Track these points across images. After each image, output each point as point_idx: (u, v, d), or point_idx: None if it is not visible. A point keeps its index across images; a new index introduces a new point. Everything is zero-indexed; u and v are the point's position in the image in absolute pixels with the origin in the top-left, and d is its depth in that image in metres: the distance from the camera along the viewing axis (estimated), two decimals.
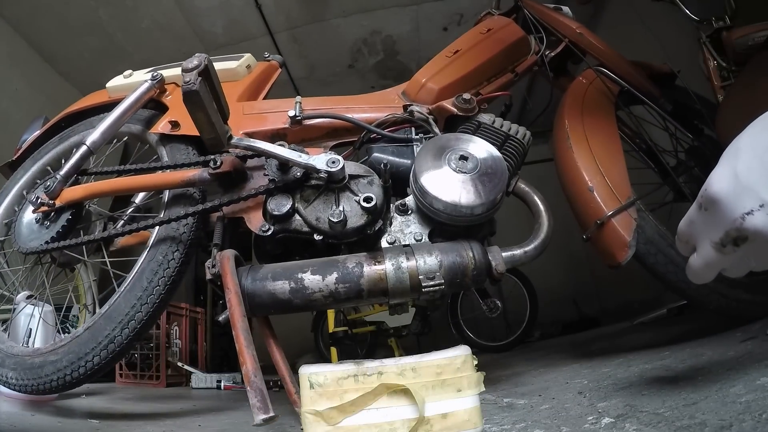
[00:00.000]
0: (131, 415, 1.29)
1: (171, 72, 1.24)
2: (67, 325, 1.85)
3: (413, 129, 1.03)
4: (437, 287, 0.77)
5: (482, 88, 1.20)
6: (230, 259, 0.80)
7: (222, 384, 2.37)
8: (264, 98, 1.27)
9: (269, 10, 3.11)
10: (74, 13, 2.82)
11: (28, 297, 1.31)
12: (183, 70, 0.81)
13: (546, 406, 0.77)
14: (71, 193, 1.05)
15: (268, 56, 1.40)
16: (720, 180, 0.48)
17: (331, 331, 3.29)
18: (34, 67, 2.97)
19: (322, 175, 0.86)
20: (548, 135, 1.33)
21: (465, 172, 0.84)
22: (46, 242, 1.02)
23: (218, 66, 1.23)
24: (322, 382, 0.63)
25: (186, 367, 2.68)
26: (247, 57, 1.32)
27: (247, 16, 3.11)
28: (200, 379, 2.47)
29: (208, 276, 0.82)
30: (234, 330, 0.69)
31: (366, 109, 1.13)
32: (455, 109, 1.00)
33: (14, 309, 1.34)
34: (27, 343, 1.31)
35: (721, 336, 1.01)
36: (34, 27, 2.84)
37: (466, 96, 1.01)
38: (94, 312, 1.28)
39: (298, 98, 1.11)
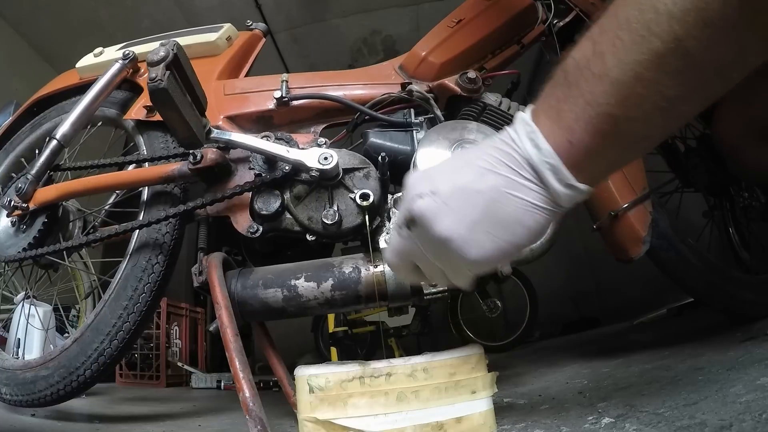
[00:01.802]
0: (131, 415, 1.29)
1: (144, 48, 1.11)
2: (68, 325, 1.85)
3: (412, 110, 0.95)
4: (439, 294, 0.72)
5: (487, 62, 1.09)
6: (217, 267, 0.74)
7: (222, 384, 2.37)
8: (247, 74, 1.17)
9: (269, 10, 3.10)
10: (74, 13, 2.82)
11: (28, 297, 1.31)
12: (148, 64, 0.74)
13: (546, 406, 0.76)
14: (44, 194, 0.99)
15: (251, 24, 1.27)
16: (414, 172, 0.54)
17: (331, 331, 3.29)
18: (34, 67, 2.96)
19: (314, 173, 0.80)
20: None
21: None
22: (24, 249, 0.98)
23: (196, 39, 1.14)
24: (323, 386, 0.57)
25: (186, 367, 2.68)
26: (228, 27, 1.20)
27: (247, 16, 3.06)
28: (200, 379, 2.47)
29: (196, 284, 0.76)
30: (227, 351, 0.64)
31: (359, 86, 1.03)
32: (459, 89, 0.92)
33: (6, 310, 1.34)
34: (17, 354, 1.31)
35: (721, 336, 1.01)
36: (34, 27, 2.84)
37: (471, 75, 0.93)
38: (94, 307, 1.26)
39: (285, 75, 1.01)
